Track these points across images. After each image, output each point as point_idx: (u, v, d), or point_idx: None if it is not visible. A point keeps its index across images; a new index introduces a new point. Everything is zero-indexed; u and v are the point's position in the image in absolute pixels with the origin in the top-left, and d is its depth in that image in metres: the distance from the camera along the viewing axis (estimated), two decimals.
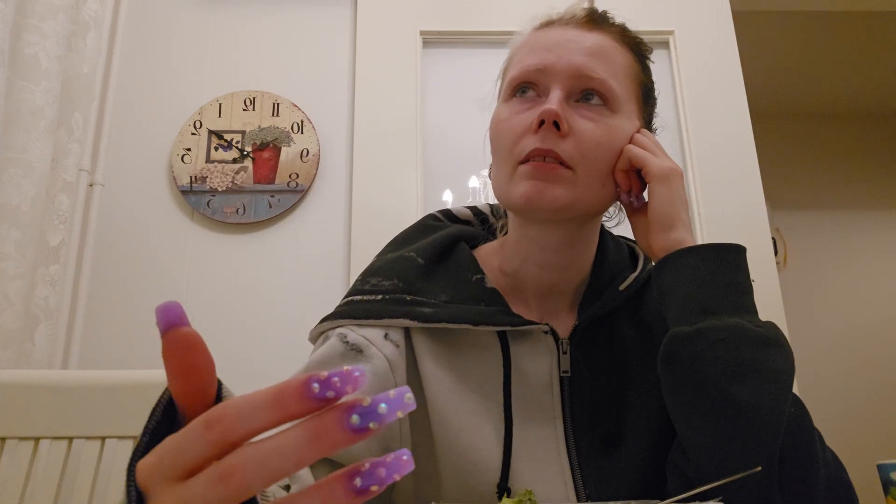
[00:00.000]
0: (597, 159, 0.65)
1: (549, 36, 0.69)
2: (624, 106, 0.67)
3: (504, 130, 0.67)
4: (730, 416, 0.55)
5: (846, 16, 2.94)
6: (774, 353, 0.57)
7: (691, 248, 0.63)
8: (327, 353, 0.65)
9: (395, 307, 0.67)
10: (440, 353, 0.67)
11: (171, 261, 1.79)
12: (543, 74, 0.66)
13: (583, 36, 0.68)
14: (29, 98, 1.53)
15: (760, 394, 0.55)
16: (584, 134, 0.64)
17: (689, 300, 0.60)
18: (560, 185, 0.63)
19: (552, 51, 0.67)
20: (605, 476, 0.64)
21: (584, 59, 0.65)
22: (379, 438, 0.63)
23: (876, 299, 3.49)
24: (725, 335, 0.57)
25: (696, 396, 0.57)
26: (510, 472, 0.63)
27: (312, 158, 1.86)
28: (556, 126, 0.63)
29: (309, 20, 2.01)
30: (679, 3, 2.02)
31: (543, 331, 0.67)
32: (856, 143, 3.72)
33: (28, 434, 0.86)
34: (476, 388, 0.66)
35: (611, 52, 0.68)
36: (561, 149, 0.63)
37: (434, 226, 0.78)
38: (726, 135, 1.90)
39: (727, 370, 0.56)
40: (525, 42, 0.71)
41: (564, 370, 0.67)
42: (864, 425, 3.18)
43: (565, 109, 0.64)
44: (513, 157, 0.65)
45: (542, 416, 0.66)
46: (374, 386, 0.63)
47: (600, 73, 0.65)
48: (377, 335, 0.66)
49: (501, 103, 0.70)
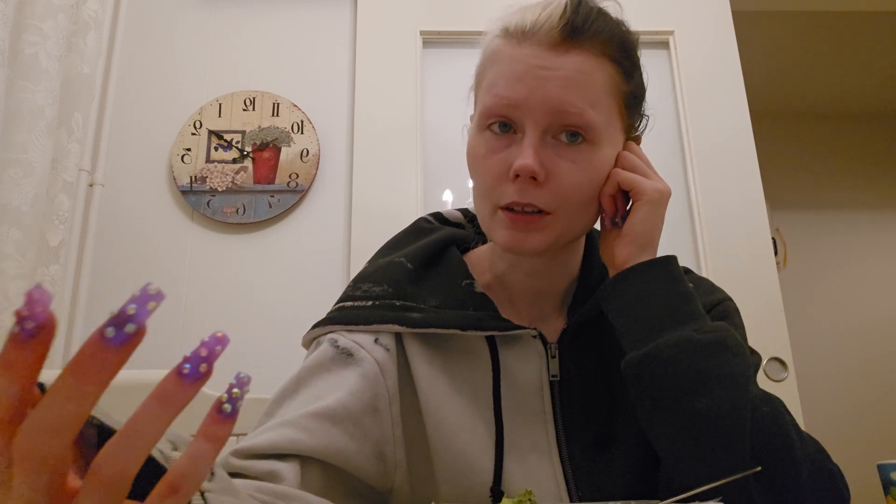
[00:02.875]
0: (576, 198, 0.63)
1: (521, 57, 0.63)
2: (605, 132, 0.64)
3: (482, 169, 0.65)
4: (696, 430, 0.56)
5: (846, 16, 2.94)
6: (726, 358, 0.58)
7: (625, 272, 0.64)
8: (319, 358, 0.66)
9: (385, 313, 0.67)
10: (432, 357, 0.67)
11: (171, 261, 1.79)
12: (517, 110, 0.62)
13: (558, 62, 0.62)
14: (29, 98, 1.53)
15: (720, 401, 0.55)
16: (563, 178, 0.62)
17: (635, 321, 0.61)
18: (539, 231, 0.63)
19: (524, 82, 0.62)
20: (597, 478, 0.65)
21: (559, 93, 0.61)
22: (372, 442, 0.63)
23: (876, 299, 3.49)
24: (674, 352, 0.58)
25: (661, 416, 0.58)
26: (503, 474, 0.64)
27: (312, 158, 1.86)
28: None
29: (309, 20, 2.01)
30: (679, 3, 2.02)
31: (532, 335, 0.67)
32: (856, 143, 3.72)
33: None
34: (468, 392, 0.66)
35: (588, 76, 0.62)
36: (539, 199, 0.62)
37: (425, 229, 0.79)
38: (726, 135, 1.90)
39: (683, 385, 0.57)
40: (497, 56, 0.66)
41: (553, 374, 0.68)
42: (864, 425, 3.18)
43: (542, 152, 0.61)
44: (491, 200, 0.64)
45: (533, 419, 0.66)
46: (363, 389, 0.64)
47: (578, 105, 0.61)
48: (367, 340, 0.67)
49: (477, 131, 0.67)
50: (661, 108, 1.94)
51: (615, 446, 0.66)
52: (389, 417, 0.65)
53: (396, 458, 0.65)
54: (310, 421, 0.60)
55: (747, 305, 0.88)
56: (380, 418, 0.64)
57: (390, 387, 0.65)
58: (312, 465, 0.59)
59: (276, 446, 0.57)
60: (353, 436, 0.62)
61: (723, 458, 0.54)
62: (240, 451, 0.57)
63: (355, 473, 0.62)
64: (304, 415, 0.60)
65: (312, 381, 0.64)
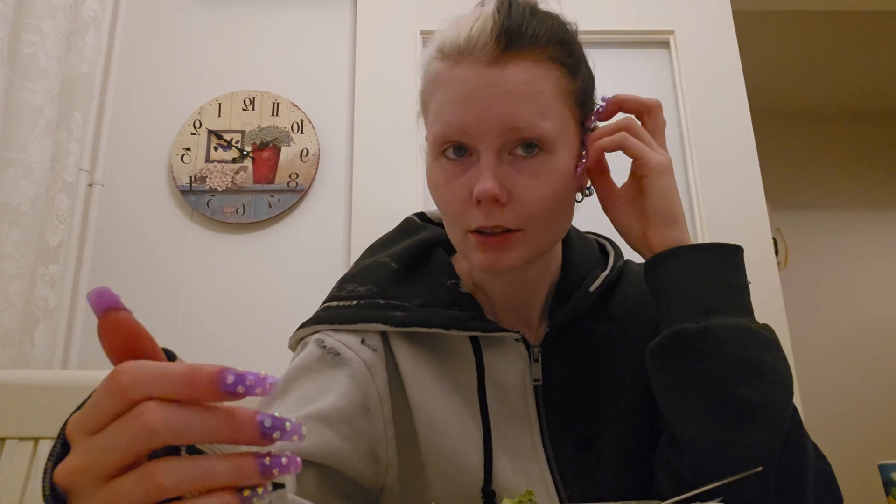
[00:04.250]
0: (543, 211, 0.62)
1: (461, 78, 0.61)
2: (560, 137, 0.62)
3: (444, 197, 0.64)
4: (735, 415, 0.55)
5: (846, 16, 2.94)
6: (777, 357, 0.58)
7: (695, 246, 0.62)
8: (306, 358, 0.66)
9: (369, 312, 0.67)
10: (419, 357, 0.67)
11: (171, 261, 1.79)
12: (467, 135, 0.61)
13: (499, 77, 0.59)
14: (28, 98, 1.53)
15: (767, 396, 0.55)
16: (526, 195, 0.61)
17: (693, 298, 0.60)
18: (513, 249, 0.62)
19: (470, 105, 0.60)
20: (584, 476, 0.65)
21: (507, 110, 0.59)
22: (365, 441, 0.63)
23: (876, 299, 3.49)
24: (733, 334, 0.57)
25: (699, 394, 0.57)
26: (493, 474, 0.64)
27: (312, 158, 1.85)
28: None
29: (309, 20, 2.01)
30: (679, 3, 2.02)
31: (515, 338, 0.68)
32: (856, 143, 3.72)
33: (28, 434, 0.86)
34: (455, 391, 0.67)
35: (533, 85, 0.60)
36: (506, 219, 0.61)
37: (412, 229, 0.78)
38: (726, 135, 1.90)
39: (734, 370, 0.56)
40: (439, 81, 0.63)
41: (536, 378, 0.68)
42: (864, 425, 3.18)
43: (500, 172, 0.60)
44: (459, 225, 0.63)
45: (518, 421, 0.67)
46: (353, 390, 0.64)
47: (527, 118, 0.59)
48: (354, 341, 0.66)
49: (432, 160, 0.65)
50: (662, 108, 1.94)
51: (599, 446, 0.66)
52: (381, 416, 0.65)
53: (388, 456, 0.65)
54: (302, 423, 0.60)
55: None
56: (372, 418, 0.64)
57: (380, 386, 0.65)
58: (307, 469, 0.59)
59: None
60: (347, 437, 0.62)
61: (754, 450, 0.54)
62: None
63: (350, 474, 0.62)
64: (297, 418, 0.59)
65: (300, 381, 0.64)
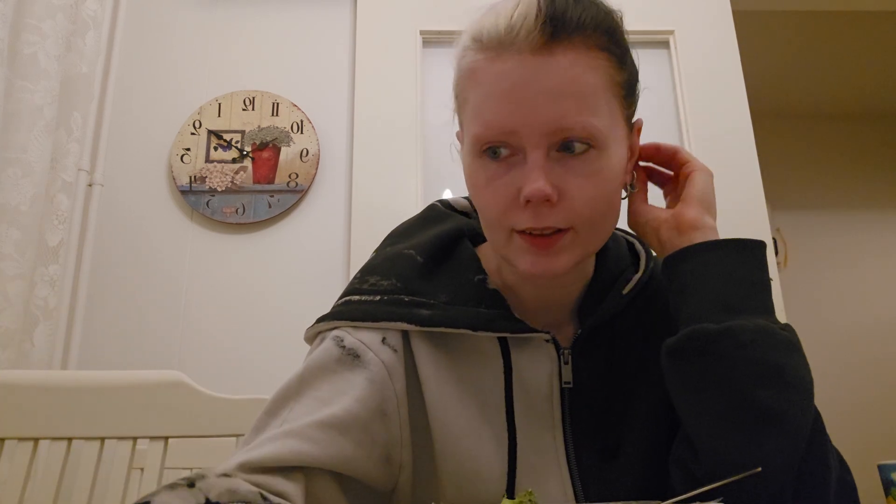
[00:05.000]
0: (595, 212, 0.58)
1: (504, 73, 0.57)
2: (610, 134, 0.58)
3: (485, 197, 0.60)
4: (752, 420, 0.53)
5: (846, 16, 2.94)
6: (799, 360, 0.56)
7: (715, 242, 0.60)
8: (323, 357, 0.63)
9: (393, 309, 0.64)
10: (440, 358, 0.65)
11: (171, 261, 1.79)
12: (513, 135, 0.57)
13: (545, 68, 0.55)
14: (28, 98, 1.53)
15: (787, 402, 0.53)
16: (577, 194, 0.57)
17: (713, 296, 0.58)
18: (563, 252, 0.59)
19: (514, 104, 0.56)
20: (604, 484, 0.63)
21: (554, 108, 0.55)
22: (380, 446, 0.61)
23: (876, 299, 3.49)
24: (754, 336, 0.55)
25: (717, 396, 0.55)
26: (516, 482, 0.62)
27: (312, 158, 1.85)
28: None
29: (309, 20, 2.01)
30: (679, 3, 2.02)
31: (545, 339, 0.65)
32: (856, 143, 3.72)
33: (27, 435, 0.86)
34: (476, 395, 0.64)
35: (581, 78, 0.56)
36: (557, 220, 0.57)
37: (436, 217, 0.75)
38: (726, 135, 1.90)
39: (754, 373, 0.54)
40: (476, 75, 0.59)
41: (566, 381, 0.65)
42: (864, 425, 3.17)
43: (549, 171, 0.56)
44: (503, 225, 0.60)
45: (540, 424, 0.64)
46: (370, 395, 0.61)
47: (577, 117, 0.55)
48: (375, 339, 0.64)
49: (471, 157, 0.61)
50: (662, 109, 1.94)
51: (623, 455, 0.64)
52: (398, 420, 0.63)
53: (402, 459, 0.64)
54: (316, 431, 0.57)
55: None
56: (388, 422, 0.62)
57: (398, 390, 0.63)
58: (319, 477, 0.58)
59: (283, 459, 0.55)
60: (361, 443, 0.60)
61: (770, 457, 0.53)
62: (246, 464, 0.55)
63: (363, 479, 0.61)
64: (310, 424, 0.58)
65: (317, 382, 0.62)
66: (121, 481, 0.86)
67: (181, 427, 0.87)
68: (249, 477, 0.54)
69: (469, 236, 0.72)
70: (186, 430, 0.88)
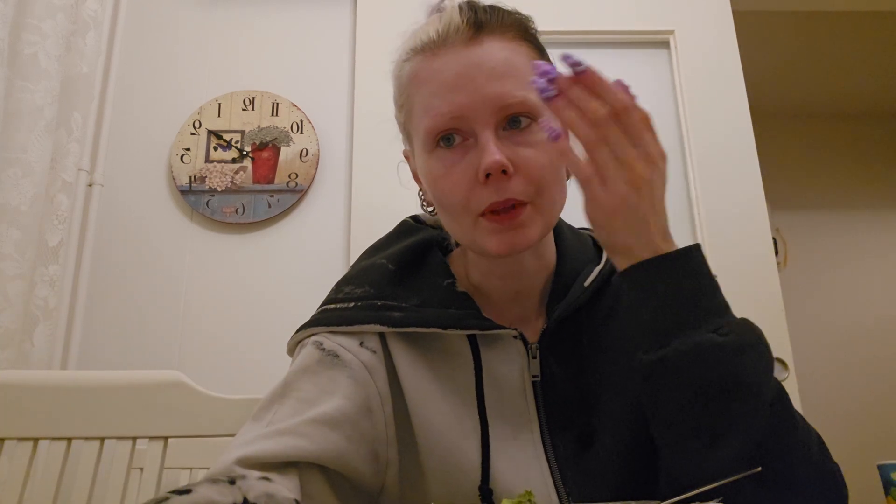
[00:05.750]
0: (548, 178, 0.63)
1: (444, 66, 0.64)
2: (542, 106, 0.62)
3: (447, 186, 0.64)
4: (705, 440, 0.54)
5: (846, 16, 2.94)
6: (744, 362, 0.54)
7: (637, 266, 0.57)
8: (306, 361, 0.66)
9: (367, 313, 0.67)
10: (416, 357, 0.67)
11: (171, 261, 1.79)
12: (462, 120, 0.62)
13: (479, 54, 0.63)
14: (28, 98, 1.53)
15: (734, 413, 0.53)
16: (529, 164, 0.62)
17: (645, 326, 0.57)
18: (528, 225, 0.62)
19: (458, 89, 0.62)
20: (583, 474, 0.65)
21: (495, 87, 0.62)
22: (368, 442, 0.63)
23: (876, 299, 3.49)
24: (690, 360, 0.54)
25: (668, 421, 0.57)
26: (490, 473, 0.64)
27: (312, 158, 1.85)
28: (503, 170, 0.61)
29: (309, 20, 2.01)
30: (679, 3, 2.02)
31: (513, 335, 0.67)
32: (856, 143, 3.72)
33: (27, 434, 0.86)
34: (453, 392, 0.67)
35: (512, 59, 0.64)
36: (514, 191, 0.61)
37: (407, 231, 0.79)
38: (726, 135, 1.90)
39: (695, 397, 0.54)
40: (419, 76, 0.66)
41: (535, 375, 0.67)
42: (864, 425, 3.18)
43: (502, 146, 0.61)
44: (469, 212, 0.63)
45: (517, 419, 0.66)
46: (355, 391, 0.64)
47: (515, 92, 0.62)
48: (352, 343, 0.66)
49: (426, 154, 0.66)
50: (661, 108, 1.94)
51: (598, 442, 0.66)
52: (383, 417, 0.65)
53: (389, 456, 0.66)
54: (308, 427, 0.60)
55: (748, 305, 0.88)
56: (374, 418, 0.64)
57: (381, 387, 0.66)
58: (312, 472, 0.60)
59: (279, 454, 0.57)
60: (351, 438, 0.62)
61: (724, 462, 0.53)
62: (244, 460, 0.57)
63: (353, 476, 0.62)
64: (302, 422, 0.60)
65: (300, 384, 0.64)
66: (120, 481, 0.86)
67: (181, 427, 0.88)
68: (247, 473, 0.55)
69: (439, 246, 0.76)
70: (186, 430, 0.88)
